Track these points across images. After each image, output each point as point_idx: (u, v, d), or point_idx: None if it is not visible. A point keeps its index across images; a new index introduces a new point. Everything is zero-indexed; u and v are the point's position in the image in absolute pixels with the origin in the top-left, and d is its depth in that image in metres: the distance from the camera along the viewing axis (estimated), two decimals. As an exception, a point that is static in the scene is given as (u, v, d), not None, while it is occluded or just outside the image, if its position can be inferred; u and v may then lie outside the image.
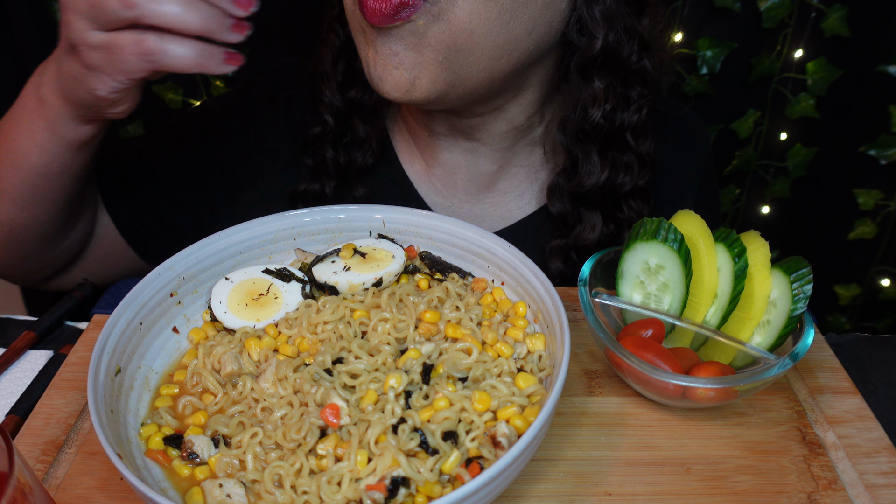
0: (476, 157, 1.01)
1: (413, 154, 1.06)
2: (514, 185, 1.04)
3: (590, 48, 0.87)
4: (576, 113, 0.92)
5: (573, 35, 0.87)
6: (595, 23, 0.85)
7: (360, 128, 1.02)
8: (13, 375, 0.81)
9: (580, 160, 0.95)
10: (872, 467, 0.65)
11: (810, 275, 0.68)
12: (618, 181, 0.96)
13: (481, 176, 1.03)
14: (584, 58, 0.88)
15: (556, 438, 0.67)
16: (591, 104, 0.90)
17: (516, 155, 1.02)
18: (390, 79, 0.82)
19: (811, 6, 1.49)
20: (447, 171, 1.03)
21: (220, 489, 0.57)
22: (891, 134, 1.58)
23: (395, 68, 0.81)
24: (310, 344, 0.69)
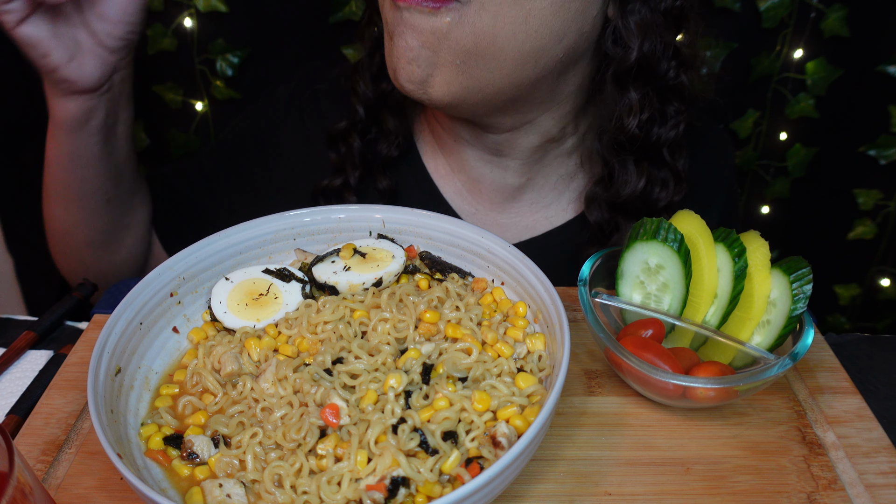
0: (503, 170, 1.01)
1: (437, 157, 1.06)
2: (541, 195, 1.04)
3: (625, 58, 0.86)
4: (612, 123, 0.92)
5: (608, 46, 0.87)
6: (630, 33, 0.85)
7: (388, 120, 1.03)
8: (13, 375, 0.81)
9: (616, 170, 0.95)
10: (872, 467, 0.65)
11: (810, 275, 0.68)
12: (653, 196, 0.96)
13: (507, 188, 1.03)
14: (619, 68, 0.88)
15: (556, 438, 0.67)
16: (626, 114, 0.90)
17: (545, 167, 1.02)
18: (404, 72, 0.82)
19: (811, 6, 1.48)
20: (472, 178, 1.03)
21: (220, 489, 0.57)
22: (890, 134, 1.58)
23: (409, 63, 0.81)
24: (310, 344, 0.69)
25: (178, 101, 1.65)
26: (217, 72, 1.60)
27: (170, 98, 1.64)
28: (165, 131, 1.70)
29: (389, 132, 1.04)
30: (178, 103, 1.65)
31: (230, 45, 1.58)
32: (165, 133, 1.70)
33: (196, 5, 1.53)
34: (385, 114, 1.03)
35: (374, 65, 1.00)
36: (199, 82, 1.63)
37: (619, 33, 0.86)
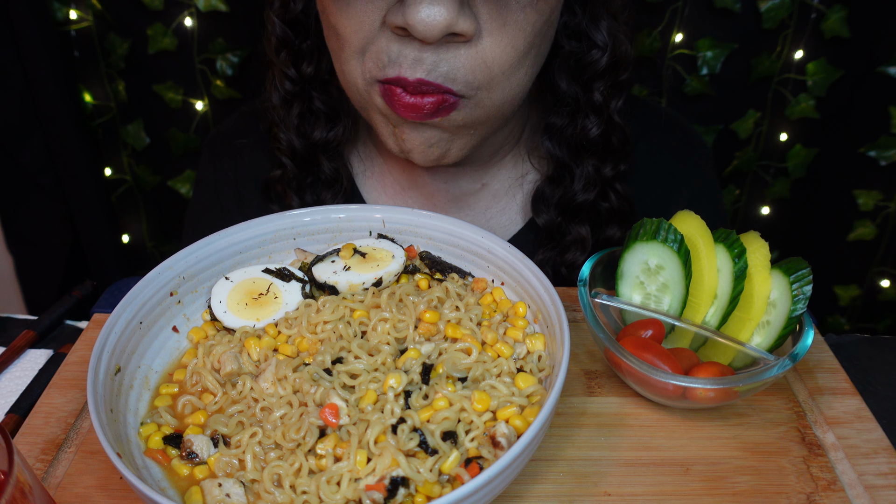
0: (458, 179, 0.98)
1: (385, 180, 1.01)
2: (495, 200, 1.01)
3: (594, 62, 0.86)
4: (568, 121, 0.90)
5: (562, 40, 0.85)
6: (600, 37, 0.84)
7: (325, 166, 0.97)
8: (13, 374, 0.81)
9: (575, 173, 0.93)
10: (872, 468, 0.65)
11: (810, 275, 0.68)
12: (602, 172, 0.94)
13: (463, 196, 1.00)
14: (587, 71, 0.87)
15: (555, 438, 0.67)
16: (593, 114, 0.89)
17: (500, 170, 0.99)
18: (422, 155, 0.80)
19: (811, 7, 1.49)
20: (425, 193, 1.00)
21: (220, 489, 0.57)
22: (891, 135, 1.58)
23: (430, 147, 0.79)
24: (309, 344, 0.69)
25: (178, 100, 1.65)
26: (217, 71, 1.60)
27: (170, 98, 1.64)
28: (165, 131, 1.70)
29: (330, 179, 0.98)
30: (178, 103, 1.65)
31: (230, 45, 1.58)
32: (165, 133, 1.70)
33: (196, 5, 1.53)
34: (321, 160, 0.97)
35: (294, 117, 0.94)
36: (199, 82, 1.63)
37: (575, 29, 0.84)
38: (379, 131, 0.82)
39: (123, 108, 1.68)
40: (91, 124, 1.69)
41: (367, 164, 1.02)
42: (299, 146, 0.95)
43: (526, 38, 0.74)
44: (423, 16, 0.67)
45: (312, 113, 0.95)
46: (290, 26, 0.90)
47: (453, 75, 0.72)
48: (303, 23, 0.90)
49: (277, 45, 0.91)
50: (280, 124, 0.95)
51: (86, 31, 1.58)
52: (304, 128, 0.95)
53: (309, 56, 0.91)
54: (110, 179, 1.77)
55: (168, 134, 1.70)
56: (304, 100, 0.94)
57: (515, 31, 0.73)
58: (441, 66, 0.72)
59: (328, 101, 0.95)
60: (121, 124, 1.70)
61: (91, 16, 1.56)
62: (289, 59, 0.91)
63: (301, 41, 0.91)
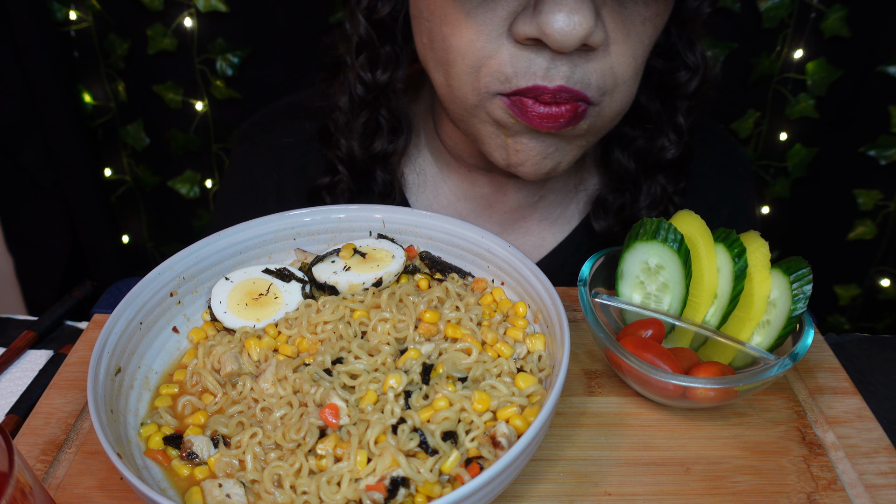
0: (516, 191, 0.97)
1: (438, 189, 0.99)
2: (549, 211, 1.00)
3: (685, 84, 0.86)
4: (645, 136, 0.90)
5: (651, 58, 0.84)
6: (693, 59, 0.85)
7: (379, 178, 0.94)
8: (13, 375, 0.81)
9: (643, 187, 0.93)
10: (872, 468, 0.65)
11: (810, 275, 0.68)
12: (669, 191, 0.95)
13: (518, 208, 0.99)
14: (677, 91, 0.87)
15: (555, 438, 0.67)
16: (675, 134, 0.89)
17: (556, 182, 0.98)
18: (534, 167, 0.79)
19: (811, 6, 1.49)
20: (481, 205, 0.99)
21: (220, 489, 0.57)
22: (891, 134, 1.58)
23: (545, 158, 0.78)
24: (309, 344, 0.69)
25: (178, 100, 1.65)
26: (217, 72, 1.60)
27: (170, 98, 1.64)
28: (165, 131, 1.70)
29: (382, 191, 0.95)
30: (177, 103, 1.65)
31: (230, 45, 1.58)
32: (165, 133, 1.70)
33: (196, 5, 1.53)
34: (376, 172, 0.94)
35: (360, 125, 0.91)
36: (199, 82, 1.63)
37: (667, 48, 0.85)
38: (486, 144, 0.80)
39: (123, 108, 1.68)
40: (91, 124, 1.69)
41: (422, 177, 1.00)
42: (359, 155, 0.92)
43: (644, 50, 0.75)
44: (563, 25, 0.66)
45: (378, 123, 0.92)
46: (375, 28, 0.87)
47: (587, 80, 0.72)
48: (387, 26, 0.87)
49: (358, 45, 0.88)
50: (344, 130, 0.92)
51: (85, 32, 1.58)
52: (367, 137, 0.92)
53: (385, 63, 0.88)
54: (110, 180, 1.77)
55: (168, 134, 1.70)
56: (373, 108, 0.91)
57: (636, 43, 0.73)
58: (577, 72, 0.71)
59: (395, 111, 0.92)
60: (121, 125, 1.70)
61: (91, 16, 1.56)
62: (367, 63, 0.88)
63: (382, 46, 0.88)
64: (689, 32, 0.86)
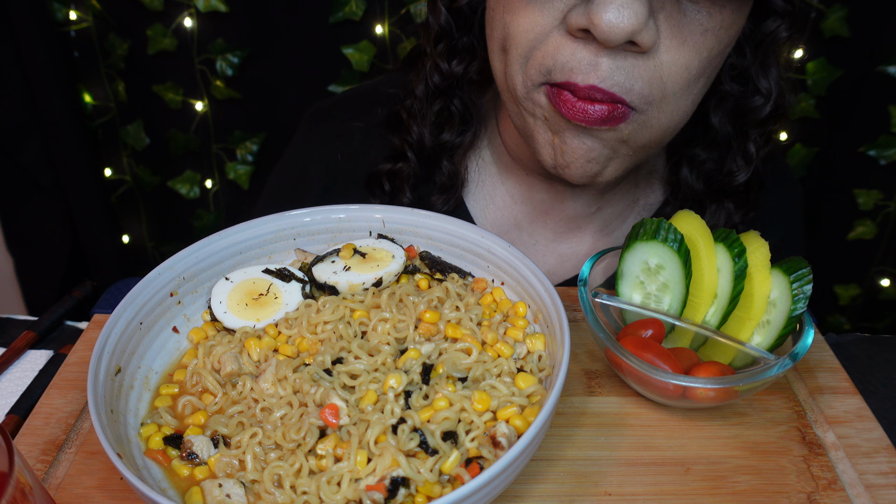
0: (574, 200, 0.96)
1: (495, 190, 0.99)
2: (607, 223, 0.99)
3: (757, 109, 0.85)
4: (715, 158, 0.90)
5: (724, 79, 0.84)
6: (766, 84, 0.84)
7: (445, 168, 0.96)
8: (13, 375, 0.81)
9: (707, 210, 0.92)
10: (872, 467, 0.65)
11: (810, 275, 0.68)
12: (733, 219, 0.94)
13: (575, 218, 0.97)
14: (749, 116, 0.86)
15: (555, 438, 0.67)
16: (744, 161, 0.89)
17: (616, 195, 0.97)
18: (580, 170, 0.78)
19: (811, 6, 1.49)
20: (537, 210, 0.98)
21: (220, 489, 0.57)
22: (891, 134, 1.58)
23: (589, 161, 0.77)
24: (309, 344, 0.69)
25: (178, 100, 1.65)
26: (217, 72, 1.60)
27: (170, 98, 1.64)
28: (165, 131, 1.70)
29: (445, 183, 0.96)
30: (177, 103, 1.65)
31: (230, 45, 1.58)
32: (165, 133, 1.70)
33: (196, 5, 1.53)
34: (442, 162, 0.95)
35: (433, 113, 0.93)
36: (199, 82, 1.63)
37: (741, 71, 0.84)
38: (534, 143, 0.80)
39: (123, 108, 1.68)
40: (91, 125, 1.69)
41: (481, 176, 1.00)
42: (429, 143, 0.94)
43: (700, 63, 0.73)
44: (612, 16, 0.65)
45: (450, 113, 0.94)
46: (454, 17, 0.89)
47: (629, 86, 0.70)
48: (466, 17, 0.89)
49: (438, 34, 0.90)
50: (417, 117, 0.94)
51: (85, 32, 1.58)
52: (438, 126, 0.94)
53: (462, 53, 0.90)
54: (110, 180, 1.77)
55: (168, 134, 1.70)
56: (448, 97, 0.93)
57: (692, 53, 0.71)
58: (617, 74, 0.70)
59: (467, 103, 0.94)
60: (121, 125, 1.70)
61: (91, 16, 1.56)
62: (444, 52, 0.90)
63: (461, 35, 0.90)
64: (764, 56, 0.84)
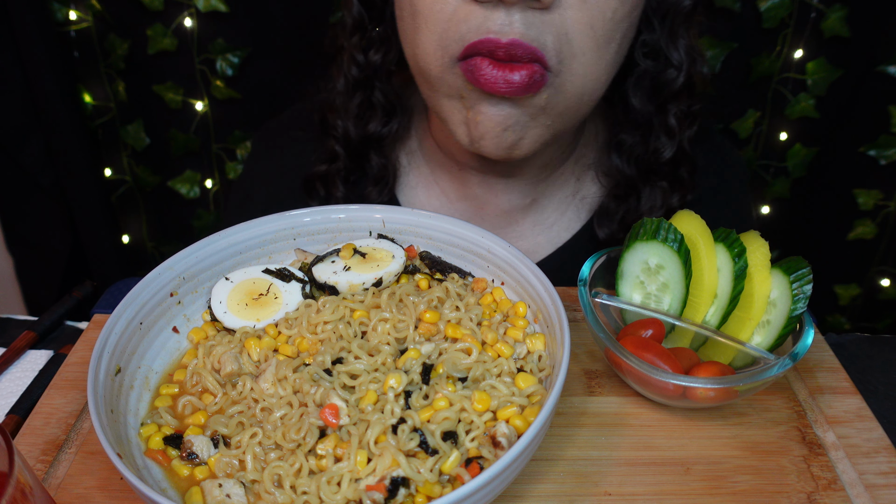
0: (509, 193, 0.97)
1: (430, 187, 1.00)
2: (543, 216, 1.00)
3: (670, 81, 0.85)
4: (640, 140, 0.90)
5: (638, 57, 0.85)
6: (676, 55, 0.84)
7: (374, 161, 0.97)
8: (13, 375, 0.81)
9: (642, 192, 0.93)
10: (872, 467, 0.65)
11: (810, 275, 0.68)
12: (670, 202, 0.94)
13: (512, 210, 0.99)
14: (663, 90, 0.86)
15: (555, 438, 0.67)
16: (666, 136, 0.89)
17: (549, 186, 0.98)
18: (495, 140, 0.79)
19: (811, 6, 1.49)
20: (473, 206, 0.99)
21: (220, 489, 0.57)
22: (891, 134, 1.58)
23: (505, 130, 0.78)
24: (310, 344, 0.69)
25: (178, 101, 1.65)
26: (217, 72, 1.60)
27: (170, 98, 1.64)
28: (165, 131, 1.70)
29: (376, 175, 0.97)
30: (177, 103, 1.65)
31: (230, 45, 1.58)
32: (165, 133, 1.70)
33: (196, 5, 1.53)
34: (371, 155, 0.97)
35: (355, 106, 0.94)
36: (199, 82, 1.63)
37: (654, 48, 0.84)
38: (449, 123, 0.81)
39: (123, 108, 1.68)
40: (91, 125, 1.69)
41: (415, 172, 1.02)
42: (354, 136, 0.95)
43: (605, 24, 0.74)
44: None
45: (372, 104, 0.95)
46: (367, 9, 0.90)
47: (543, 41, 0.72)
48: (378, 7, 0.90)
49: (352, 27, 0.91)
50: (340, 111, 0.95)
51: (86, 32, 1.58)
52: (361, 118, 0.95)
53: (378, 43, 0.92)
54: (110, 180, 1.77)
55: (168, 134, 1.70)
56: (367, 89, 0.94)
57: (595, 12, 0.73)
58: (532, 30, 0.71)
59: (388, 94, 0.95)
60: (121, 125, 1.70)
61: (91, 16, 1.56)
62: (360, 44, 0.92)
63: (374, 26, 0.91)
64: (672, 27, 0.84)
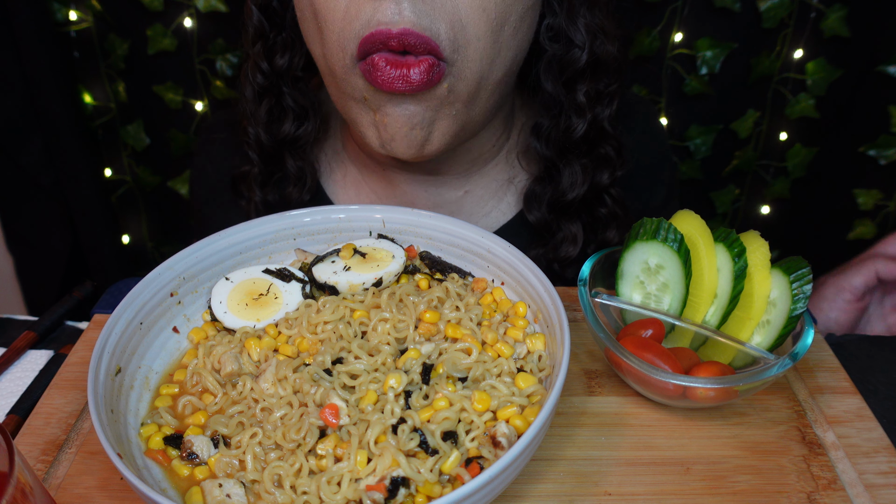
0: (438, 188, 0.97)
1: (360, 188, 1.01)
2: (479, 205, 1.00)
3: (574, 61, 0.85)
4: (554, 121, 0.89)
5: (544, 42, 0.85)
6: (578, 35, 0.84)
7: (290, 164, 0.98)
8: (13, 375, 0.81)
9: (562, 172, 0.92)
10: (872, 467, 0.65)
11: (810, 275, 0.68)
12: (598, 179, 0.94)
13: (444, 204, 0.98)
14: (567, 70, 0.86)
15: (556, 438, 0.67)
16: (576, 114, 0.88)
17: (483, 177, 0.98)
18: (405, 140, 0.79)
19: (811, 6, 1.49)
20: (404, 202, 0.99)
21: (220, 489, 0.57)
22: (890, 134, 1.58)
23: (413, 129, 0.78)
24: (310, 344, 0.69)
25: (178, 101, 1.65)
26: (217, 72, 1.60)
27: (170, 98, 1.64)
28: (165, 131, 1.70)
29: (295, 177, 0.98)
30: (177, 103, 1.65)
31: (230, 45, 1.58)
32: (165, 133, 1.70)
33: (196, 5, 1.53)
34: (286, 158, 0.98)
35: (263, 113, 0.95)
36: (199, 82, 1.63)
37: (558, 31, 0.84)
38: (359, 126, 0.81)
39: (123, 108, 1.68)
40: (91, 125, 1.69)
41: (338, 173, 1.02)
42: (266, 141, 0.96)
43: (498, 6, 0.74)
44: None
45: (282, 109, 0.95)
46: (266, 17, 0.90)
47: (436, 29, 0.72)
48: (279, 13, 0.90)
49: (254, 35, 0.91)
50: (250, 118, 0.96)
51: (86, 32, 1.58)
52: (273, 123, 0.95)
53: (282, 49, 0.92)
54: (110, 180, 1.77)
55: (168, 134, 1.70)
56: (275, 94, 0.94)
57: None
58: (423, 19, 0.71)
59: (298, 97, 0.95)
60: (121, 125, 1.69)
61: (91, 16, 1.56)
62: (263, 52, 0.92)
63: (276, 33, 0.91)
64: (570, 8, 0.84)
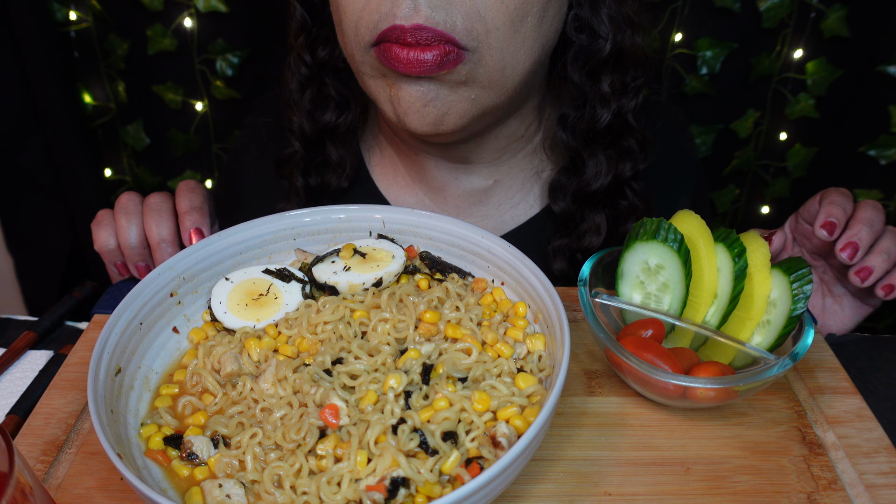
0: (469, 175, 0.99)
1: (396, 171, 1.03)
2: (508, 196, 1.02)
3: (598, 51, 0.86)
4: (580, 112, 0.91)
5: (571, 33, 0.86)
6: (602, 26, 0.85)
7: (332, 152, 1.01)
8: (13, 375, 0.81)
9: (587, 162, 0.94)
10: (872, 467, 0.65)
11: (810, 275, 0.68)
12: (620, 171, 0.95)
13: (474, 192, 1.01)
14: (592, 60, 0.87)
15: (556, 438, 0.67)
16: (600, 105, 0.89)
17: (512, 167, 1.00)
18: (417, 115, 0.80)
19: (811, 6, 1.48)
20: (435, 187, 1.01)
21: (220, 489, 0.57)
22: (891, 134, 1.58)
23: (426, 106, 0.79)
24: (310, 344, 0.69)
25: (178, 101, 1.65)
26: (217, 72, 1.60)
27: (170, 98, 1.64)
28: (165, 131, 1.70)
29: (336, 164, 1.02)
30: (177, 103, 1.65)
31: (230, 45, 1.58)
32: (165, 133, 1.70)
33: (196, 5, 1.53)
34: (328, 145, 1.01)
35: (307, 101, 0.98)
36: (199, 82, 1.63)
37: (585, 22, 0.85)
38: (378, 100, 0.84)
39: (123, 108, 1.68)
40: (91, 125, 1.69)
41: (378, 156, 1.05)
42: (309, 129, 0.99)
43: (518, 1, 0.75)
44: None
45: (324, 98, 0.99)
46: (309, 11, 0.94)
47: (452, 22, 0.73)
48: (319, 9, 0.94)
49: (297, 29, 0.96)
50: (294, 107, 1.00)
51: (85, 32, 1.58)
52: (315, 112, 0.99)
53: (324, 42, 0.96)
54: (110, 180, 1.77)
55: (168, 134, 1.70)
56: (318, 84, 0.98)
57: None
58: (438, 13, 0.73)
59: (340, 87, 0.99)
60: (121, 125, 1.69)
61: (91, 16, 1.56)
62: (306, 44, 0.96)
63: (318, 27, 0.95)
64: None
